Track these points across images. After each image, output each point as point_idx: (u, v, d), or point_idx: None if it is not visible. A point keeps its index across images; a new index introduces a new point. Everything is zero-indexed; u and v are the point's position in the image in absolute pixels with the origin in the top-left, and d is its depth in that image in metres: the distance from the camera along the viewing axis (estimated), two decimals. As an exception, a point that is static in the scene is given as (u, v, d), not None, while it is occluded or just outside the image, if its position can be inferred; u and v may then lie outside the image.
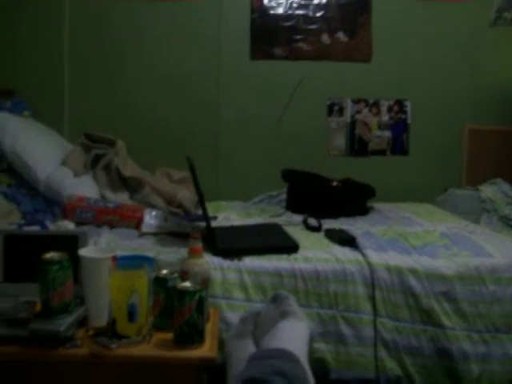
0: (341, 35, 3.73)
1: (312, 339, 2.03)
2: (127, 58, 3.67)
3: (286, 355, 1.21)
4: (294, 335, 1.37)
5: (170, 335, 1.61)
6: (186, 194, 3.05)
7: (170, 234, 2.46)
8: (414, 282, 2.17)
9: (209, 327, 1.68)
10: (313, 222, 2.70)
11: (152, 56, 3.68)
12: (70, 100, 3.65)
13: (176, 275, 1.70)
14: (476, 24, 3.78)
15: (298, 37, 3.71)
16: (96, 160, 3.02)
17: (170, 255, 2.15)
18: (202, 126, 3.72)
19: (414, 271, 2.19)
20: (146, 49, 3.68)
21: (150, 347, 1.58)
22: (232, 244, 2.32)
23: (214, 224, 2.43)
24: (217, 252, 2.22)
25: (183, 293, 1.57)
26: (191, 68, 3.70)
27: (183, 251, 2.01)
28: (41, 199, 2.76)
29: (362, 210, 3.14)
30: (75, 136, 3.20)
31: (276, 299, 1.55)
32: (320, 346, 2.11)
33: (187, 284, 1.61)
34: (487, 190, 3.60)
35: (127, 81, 3.67)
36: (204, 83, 3.71)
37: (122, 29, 3.66)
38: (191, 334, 1.57)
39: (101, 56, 3.66)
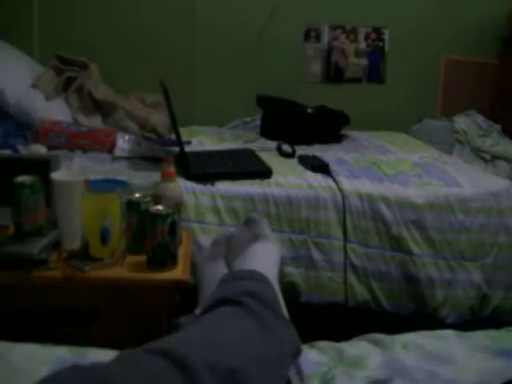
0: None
1: (284, 263, 2.07)
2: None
3: (257, 276, 1.23)
4: (265, 258, 1.39)
5: (143, 258, 1.62)
6: (159, 118, 3.03)
7: (143, 159, 2.45)
8: (384, 210, 2.21)
9: (182, 250, 1.70)
10: (287, 148, 2.71)
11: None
12: (39, 21, 3.52)
13: (149, 199, 1.70)
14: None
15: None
16: (68, 83, 2.96)
17: (143, 179, 2.16)
18: (177, 44, 3.61)
19: (385, 199, 2.22)
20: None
21: (124, 269, 1.60)
22: (205, 169, 2.31)
23: (187, 149, 2.42)
24: (190, 176, 2.22)
25: (156, 216, 1.57)
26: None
27: (156, 175, 2.01)
28: (12, 123, 2.71)
29: (337, 138, 3.15)
30: (46, 59, 3.12)
31: (249, 222, 1.56)
32: (291, 270, 2.15)
33: (160, 207, 1.62)
34: (461, 121, 3.62)
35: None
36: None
37: None
38: (164, 257, 1.59)
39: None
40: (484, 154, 3.43)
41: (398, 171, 2.45)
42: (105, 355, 1.12)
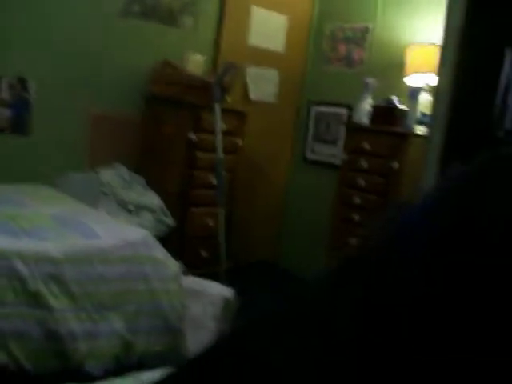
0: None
1: None
2: None
3: None
4: None
5: None
6: None
7: None
8: (20, 266, 2.13)
9: None
10: None
11: None
12: None
13: None
14: (109, 12, 3.84)
15: None
16: None
17: None
18: None
19: (20, 254, 2.15)
20: None
21: None
22: None
23: None
24: None
25: None
26: None
27: None
28: None
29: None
30: None
31: None
32: None
33: None
34: (106, 174, 3.70)
35: None
36: None
37: None
38: None
39: None
40: (129, 206, 3.54)
41: (35, 225, 2.40)
42: None
